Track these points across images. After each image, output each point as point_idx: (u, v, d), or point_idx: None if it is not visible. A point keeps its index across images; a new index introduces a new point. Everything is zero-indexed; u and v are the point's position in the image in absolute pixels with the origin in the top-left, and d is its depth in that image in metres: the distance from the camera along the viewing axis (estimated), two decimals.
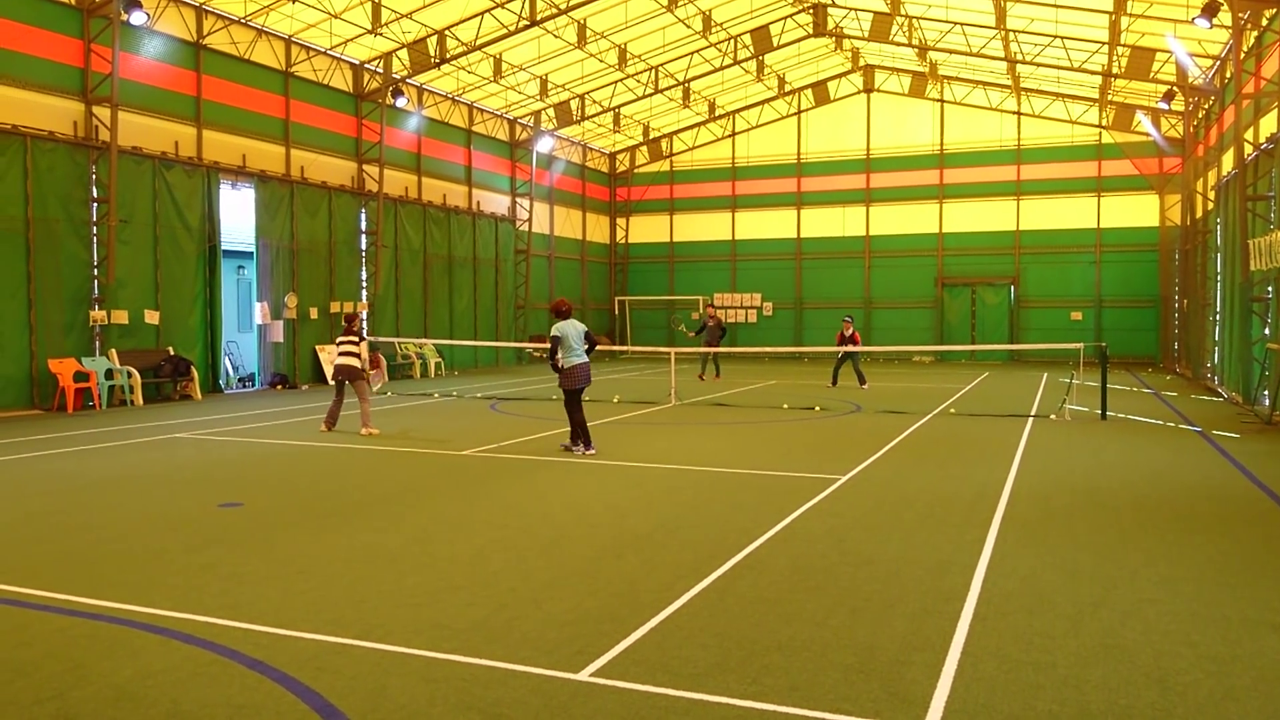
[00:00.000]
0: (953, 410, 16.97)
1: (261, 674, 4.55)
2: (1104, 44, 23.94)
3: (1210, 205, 22.90)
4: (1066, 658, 4.77)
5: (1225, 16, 18.24)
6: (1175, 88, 24.93)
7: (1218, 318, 21.18)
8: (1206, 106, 24.43)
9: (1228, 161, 20.02)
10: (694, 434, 13.79)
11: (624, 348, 29.86)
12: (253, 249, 22.56)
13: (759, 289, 37.02)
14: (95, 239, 18.38)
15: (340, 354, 13.75)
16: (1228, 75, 20.77)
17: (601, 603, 5.66)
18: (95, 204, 18.32)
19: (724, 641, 4.99)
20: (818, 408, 17.36)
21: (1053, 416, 15.69)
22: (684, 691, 4.34)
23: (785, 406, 17.61)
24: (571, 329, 11.60)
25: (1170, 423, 14.98)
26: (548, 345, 11.65)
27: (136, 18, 18.23)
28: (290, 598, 5.78)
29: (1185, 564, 6.57)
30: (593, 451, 11.55)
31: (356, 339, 13.74)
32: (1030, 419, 15.51)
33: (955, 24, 25.99)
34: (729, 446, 12.44)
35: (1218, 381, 20.80)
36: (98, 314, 18.20)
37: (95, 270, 18.38)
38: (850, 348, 21.37)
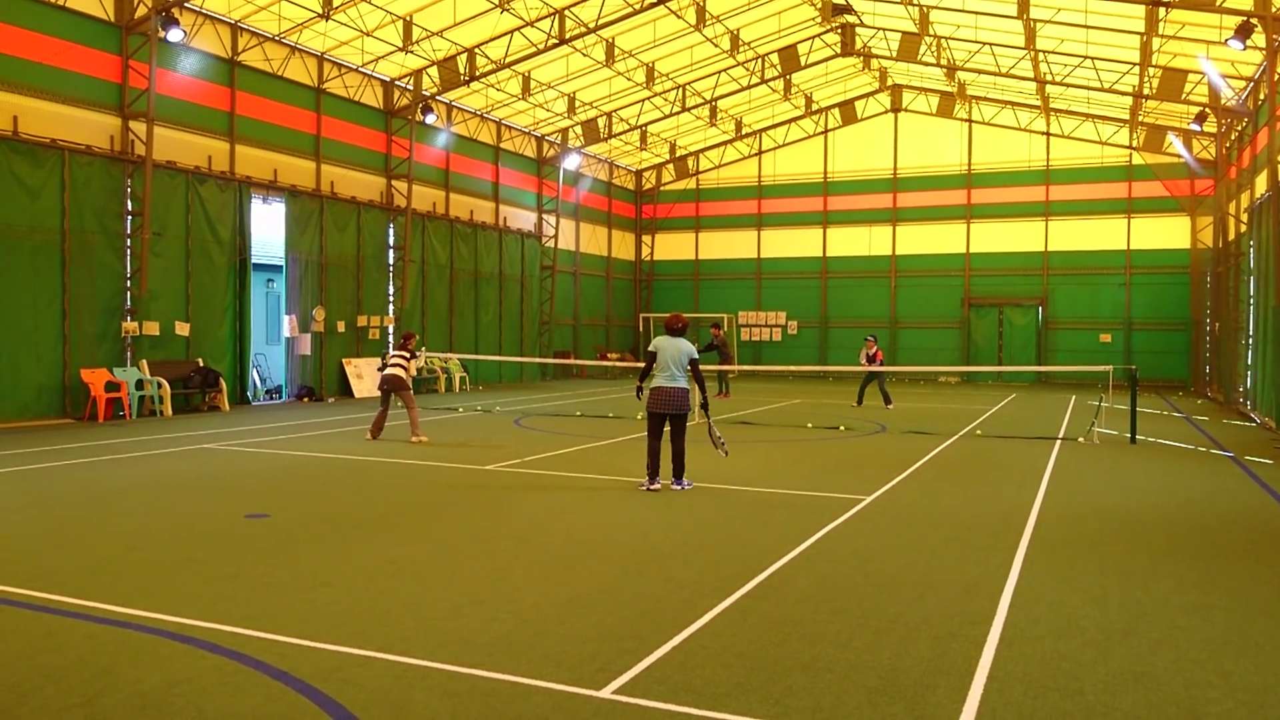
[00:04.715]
0: (979, 432, 16.82)
1: (285, 685, 4.57)
2: (1135, 65, 23.78)
3: (1243, 228, 22.64)
4: (1095, 685, 4.70)
5: (1259, 38, 18.08)
6: (1207, 109, 24.72)
7: (1250, 341, 20.90)
8: (1239, 128, 24.19)
9: (1261, 184, 19.79)
10: (717, 452, 13.72)
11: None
12: (282, 262, 22.81)
13: (784, 307, 36.95)
14: (129, 251, 18.67)
15: (388, 366, 14.71)
16: (1261, 97, 20.57)
17: (624, 620, 5.65)
18: (129, 217, 18.62)
19: (747, 661, 4.96)
20: (842, 427, 17.27)
21: (1081, 439, 15.52)
22: (707, 711, 4.31)
23: (809, 426, 17.53)
24: (670, 347, 10.29)
25: (1202, 448, 14.77)
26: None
27: (173, 35, 18.57)
28: (315, 609, 5.81)
29: (1218, 591, 6.46)
30: (656, 487, 10.22)
31: (408, 355, 14.71)
32: (1058, 441, 15.34)
33: (984, 44, 25.93)
34: (753, 465, 12.40)
35: (1250, 406, 20.49)
36: (130, 325, 18.46)
37: (128, 282, 18.65)
38: (874, 367, 21.32)
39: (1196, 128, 26.28)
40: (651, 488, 10.25)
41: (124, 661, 4.86)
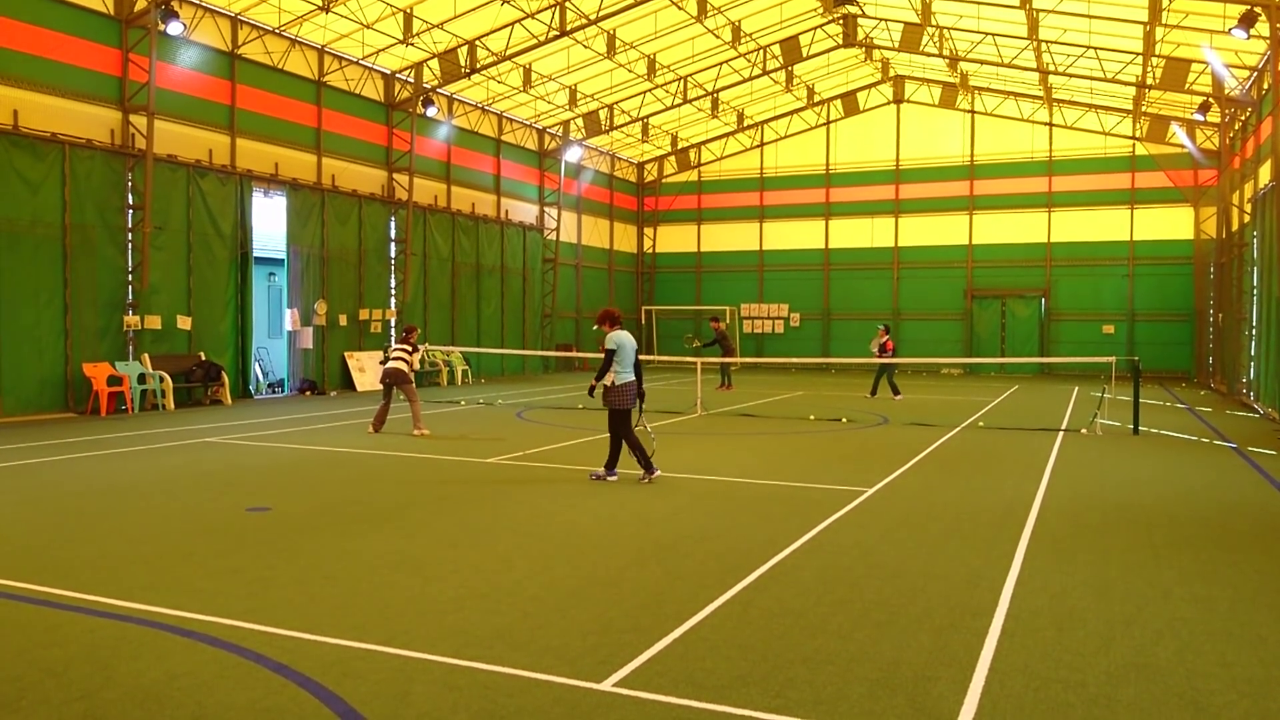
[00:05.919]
0: (982, 423, 16.80)
1: (286, 678, 4.57)
2: (1138, 55, 23.68)
3: (1247, 218, 22.57)
4: (1097, 676, 4.69)
5: (1263, 27, 18.00)
6: (1211, 99, 24.62)
7: (1254, 332, 20.85)
8: (1243, 118, 24.09)
9: (1265, 174, 19.72)
10: (720, 444, 13.74)
11: (650, 358, 29.84)
12: (284, 256, 22.80)
13: (786, 299, 36.91)
14: (130, 245, 18.66)
15: (391, 359, 14.70)
16: (1265, 86, 20.48)
17: (625, 612, 5.64)
18: (130, 211, 18.60)
19: (748, 653, 4.95)
20: (845, 419, 17.25)
21: (1084, 431, 15.49)
22: (707, 703, 4.30)
23: (812, 418, 17.51)
24: (628, 341, 10.49)
25: (1205, 439, 14.74)
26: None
27: (173, 28, 18.53)
28: (315, 602, 5.81)
29: (1220, 583, 6.44)
30: (656, 474, 10.31)
31: (410, 349, 14.70)
32: (1061, 433, 15.31)
33: (987, 34, 25.82)
34: (755, 457, 12.39)
35: (1253, 397, 20.45)
36: (131, 319, 18.46)
37: (130, 276, 18.66)
38: (886, 358, 21.47)
39: (1200, 118, 26.18)
40: (650, 478, 10.26)
41: (124, 655, 4.86)
